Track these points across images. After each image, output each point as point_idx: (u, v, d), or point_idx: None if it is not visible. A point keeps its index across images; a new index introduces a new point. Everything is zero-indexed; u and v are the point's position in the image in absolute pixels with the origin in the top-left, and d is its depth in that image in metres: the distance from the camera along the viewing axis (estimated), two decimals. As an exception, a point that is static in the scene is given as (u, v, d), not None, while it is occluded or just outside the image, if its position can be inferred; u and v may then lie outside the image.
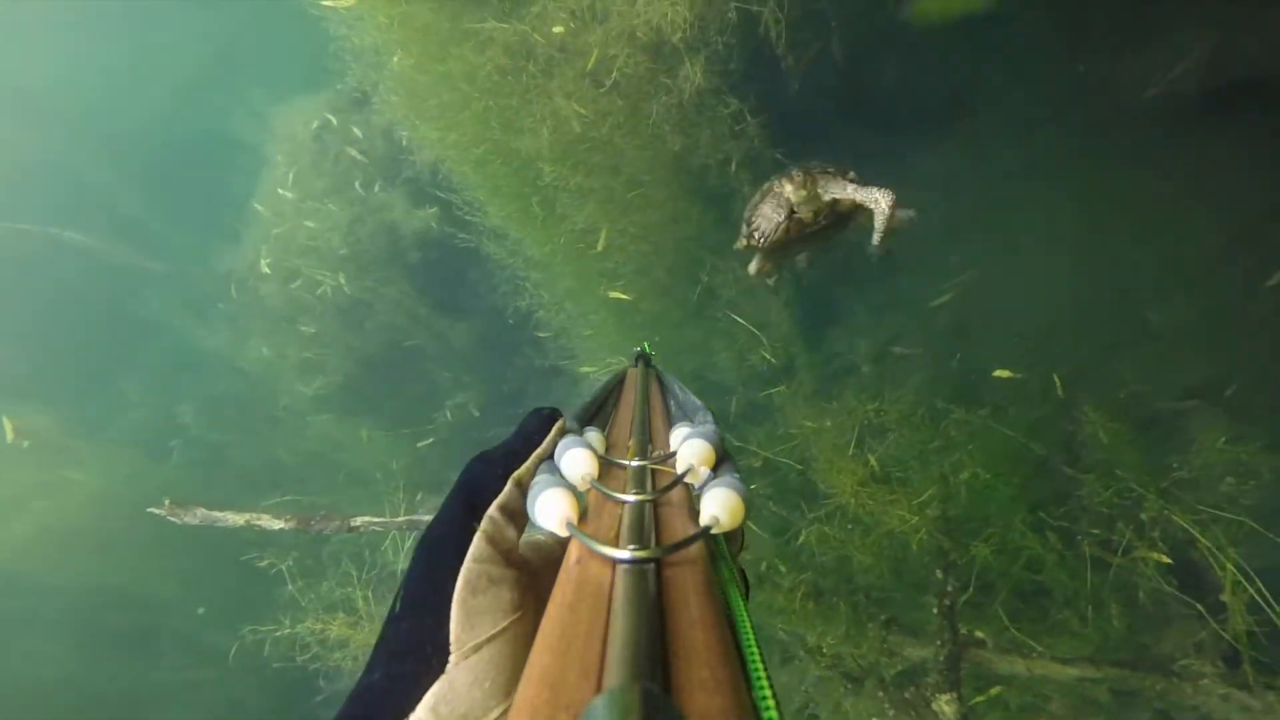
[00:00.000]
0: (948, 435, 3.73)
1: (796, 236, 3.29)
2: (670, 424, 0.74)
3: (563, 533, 0.47)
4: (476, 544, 0.48)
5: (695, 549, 0.42)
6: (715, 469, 0.55)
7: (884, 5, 4.04)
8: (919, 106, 4.40)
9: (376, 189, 6.83)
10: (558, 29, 3.87)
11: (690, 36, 3.75)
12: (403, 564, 4.49)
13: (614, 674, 0.30)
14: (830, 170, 3.02)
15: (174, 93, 13.13)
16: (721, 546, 0.49)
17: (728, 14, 3.73)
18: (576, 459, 0.54)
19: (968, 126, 4.25)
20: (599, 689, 0.30)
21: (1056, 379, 3.82)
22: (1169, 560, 2.98)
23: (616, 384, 1.00)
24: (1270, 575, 2.63)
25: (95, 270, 10.80)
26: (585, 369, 5.41)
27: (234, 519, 3.67)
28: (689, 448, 0.55)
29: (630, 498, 0.48)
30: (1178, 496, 3.03)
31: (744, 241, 3.50)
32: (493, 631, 0.44)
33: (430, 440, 6.87)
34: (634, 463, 0.57)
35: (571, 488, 0.51)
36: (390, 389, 7.49)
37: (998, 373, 3.90)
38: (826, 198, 2.95)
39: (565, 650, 0.33)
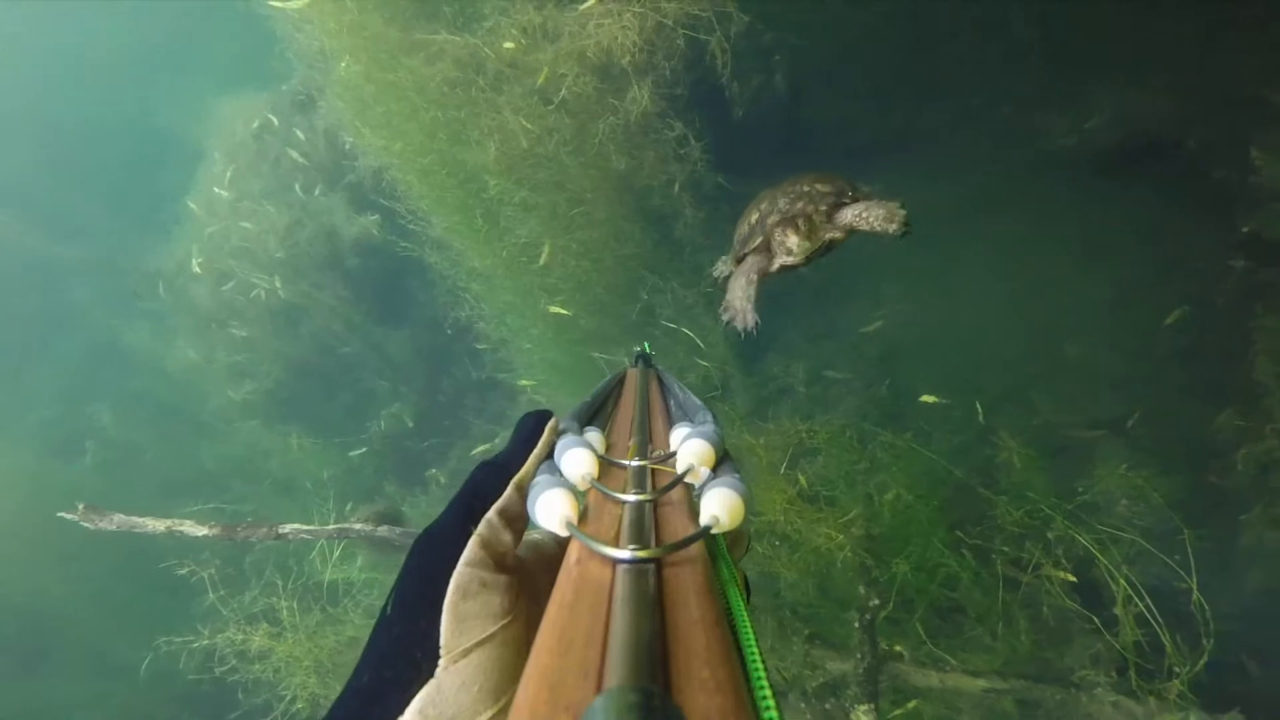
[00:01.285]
0: (874, 457, 3.85)
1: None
2: (670, 424, 0.74)
3: (563, 532, 0.47)
4: (470, 548, 0.47)
5: (695, 549, 0.42)
6: (715, 469, 0.55)
7: (826, 41, 4.22)
8: (857, 141, 4.59)
9: (317, 193, 6.71)
10: (509, 45, 3.91)
11: (639, 60, 3.83)
12: (330, 574, 4.39)
13: (614, 674, 0.30)
14: (829, 191, 2.67)
15: (109, 78, 12.62)
16: (721, 546, 0.49)
17: (676, 41, 3.83)
18: (576, 459, 0.54)
19: (903, 164, 4.44)
20: (599, 689, 0.30)
21: (978, 406, 3.99)
22: (1073, 578, 3.15)
23: (616, 384, 0.99)
24: (1156, 590, 2.83)
25: (6, 256, 10.26)
26: (523, 382, 5.41)
27: (154, 525, 3.52)
28: (689, 448, 0.55)
29: (630, 497, 0.48)
30: (1081, 518, 3.21)
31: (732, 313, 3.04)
32: (482, 636, 0.44)
33: (363, 449, 6.74)
34: (634, 463, 0.57)
35: (572, 488, 0.51)
36: (323, 396, 7.32)
37: (924, 398, 4.05)
38: (827, 237, 2.63)
39: (565, 650, 0.33)
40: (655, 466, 0.57)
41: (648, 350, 1.36)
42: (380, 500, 5.70)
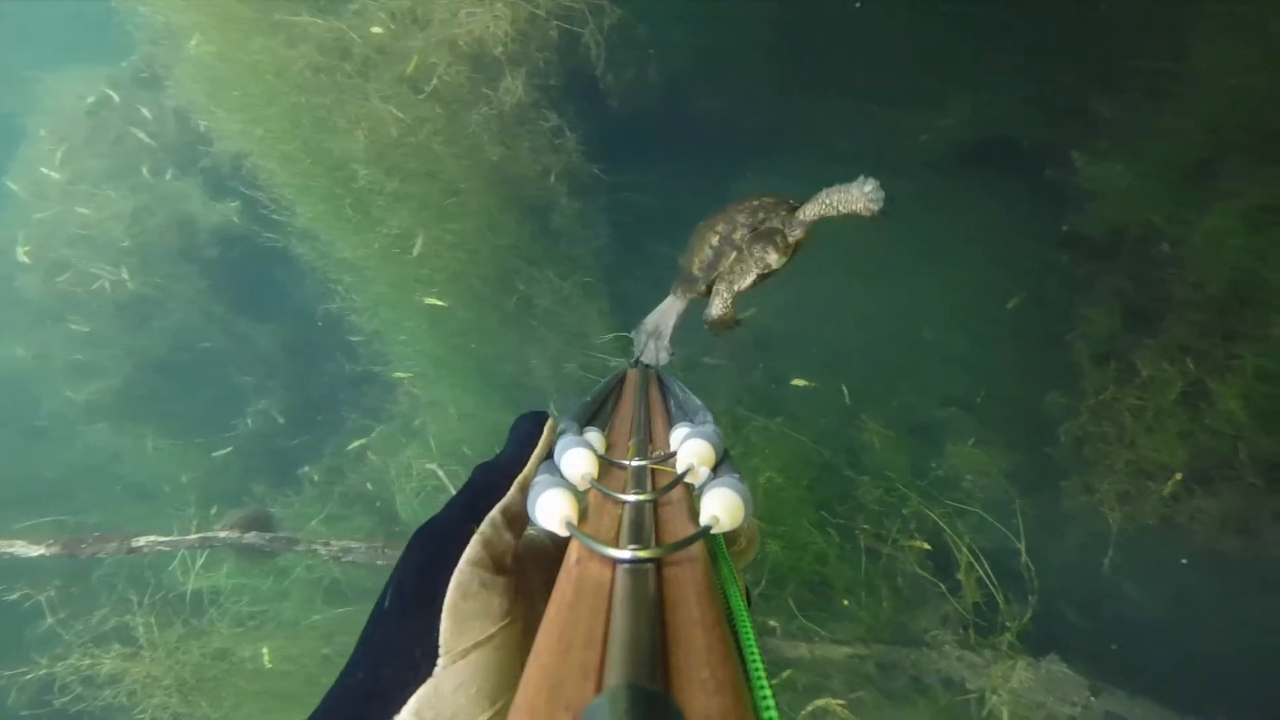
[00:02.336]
0: (749, 441, 4.01)
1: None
2: (670, 424, 0.73)
3: (563, 532, 0.47)
4: (472, 547, 0.47)
5: (696, 549, 0.42)
6: (715, 469, 0.54)
7: (701, 36, 4.31)
8: (729, 136, 4.72)
9: (168, 176, 6.20)
10: (376, 30, 3.77)
11: (512, 50, 3.79)
12: (194, 584, 4.12)
13: (614, 674, 0.29)
14: (778, 200, 2.72)
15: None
16: (722, 547, 0.48)
17: (550, 32, 3.81)
18: (576, 459, 0.54)
19: (775, 156, 4.60)
20: (599, 689, 0.30)
21: (844, 389, 4.22)
22: (928, 546, 3.43)
23: (616, 384, 0.98)
24: (995, 553, 3.14)
25: None
26: (399, 375, 5.26)
27: (-23, 547, 3.19)
28: (689, 448, 0.55)
29: (630, 497, 0.48)
30: (933, 493, 3.49)
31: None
32: (481, 637, 0.44)
33: (228, 449, 6.32)
34: (634, 463, 0.56)
35: (571, 488, 0.50)
36: (181, 394, 6.81)
37: (795, 382, 4.25)
38: (793, 241, 2.64)
39: (565, 650, 0.33)
40: (655, 466, 0.57)
41: None
42: (248, 503, 5.39)
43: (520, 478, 0.54)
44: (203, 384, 6.78)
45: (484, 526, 0.49)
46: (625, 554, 0.40)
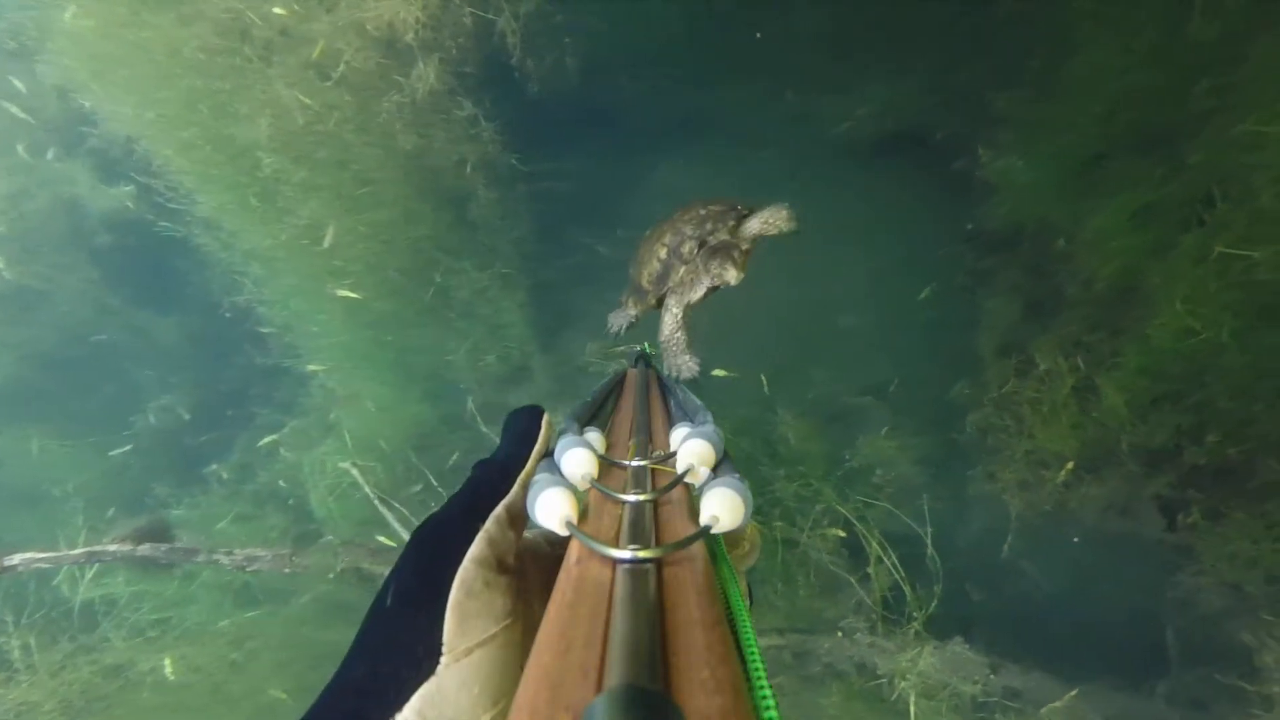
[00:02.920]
0: (670, 435, 4.03)
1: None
2: (670, 424, 0.73)
3: (563, 532, 0.47)
4: (477, 544, 0.47)
5: (696, 549, 0.42)
6: (715, 469, 0.55)
7: (620, 24, 4.25)
8: (649, 124, 4.69)
9: (50, 157, 5.73)
10: (278, 10, 3.57)
11: (424, 37, 3.66)
12: (83, 595, 3.89)
13: (614, 674, 0.29)
14: (724, 209, 2.68)
15: None
16: (721, 546, 0.49)
17: (463, 18, 3.69)
18: (577, 459, 0.54)
19: (695, 143, 4.61)
20: (599, 689, 0.29)
21: (763, 379, 4.29)
22: (843, 534, 3.55)
23: (616, 384, 0.97)
24: (906, 539, 3.28)
25: None
26: (312, 368, 5.07)
27: None
28: (689, 447, 0.55)
29: (630, 497, 0.48)
30: (846, 486, 3.61)
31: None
32: (484, 637, 0.43)
33: (127, 448, 5.97)
34: (634, 463, 0.57)
35: (572, 487, 0.50)
36: (73, 391, 6.37)
37: (716, 372, 4.30)
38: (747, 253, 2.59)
39: (565, 650, 0.33)
40: (655, 466, 0.57)
41: (647, 351, 1.34)
42: (150, 505, 5.13)
43: (522, 475, 0.54)
44: (98, 380, 6.37)
45: (489, 524, 0.49)
46: (625, 554, 0.40)
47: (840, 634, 3.36)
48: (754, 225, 2.63)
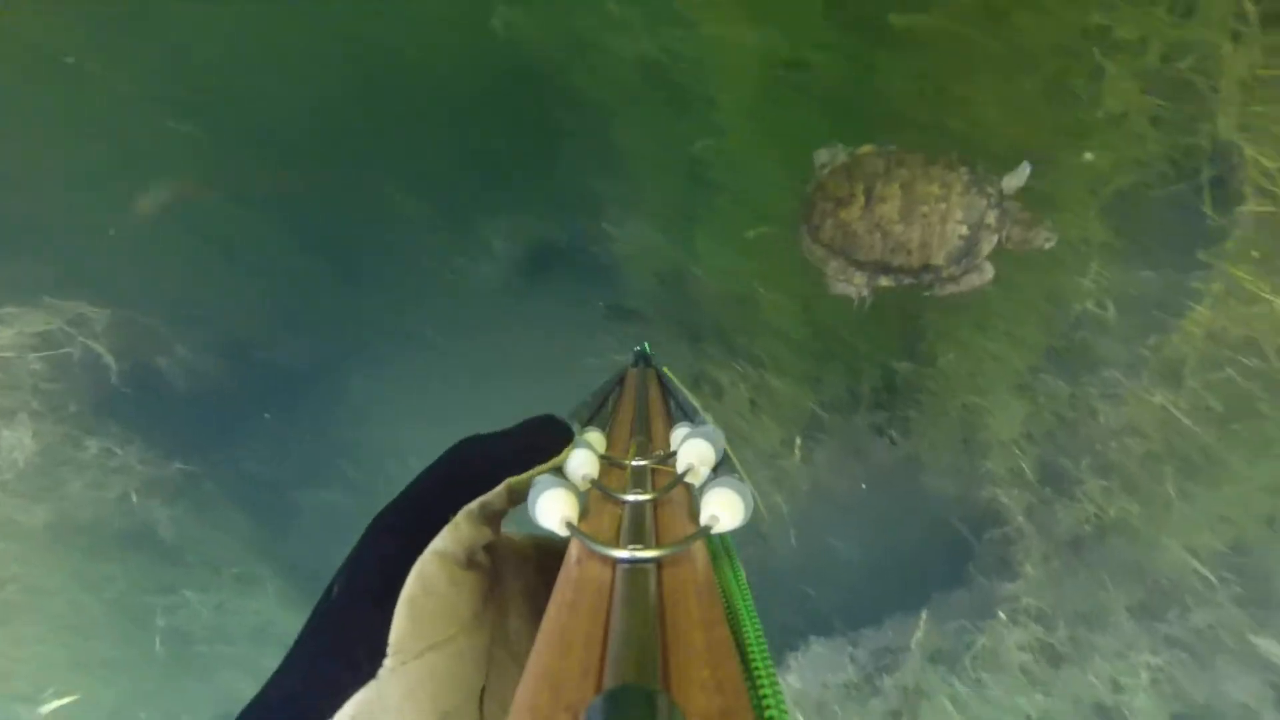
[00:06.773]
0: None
1: None
2: (671, 424, 0.71)
3: (563, 532, 0.43)
4: (444, 536, 0.39)
5: (696, 548, 0.41)
6: (716, 468, 0.53)
7: (191, 309, 4.15)
8: (301, 367, 4.58)
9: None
10: None
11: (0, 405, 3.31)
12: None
13: (614, 674, 0.28)
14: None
15: None
16: (719, 546, 0.48)
17: (33, 366, 3.40)
18: (577, 458, 0.52)
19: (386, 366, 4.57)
20: (599, 689, 0.28)
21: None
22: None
23: (616, 383, 0.92)
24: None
25: None
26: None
27: None
28: (689, 447, 0.53)
29: (630, 497, 0.46)
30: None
31: None
32: (440, 638, 0.37)
33: None
34: (634, 462, 0.54)
35: (572, 487, 0.46)
36: None
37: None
38: None
39: (566, 650, 0.31)
40: (655, 466, 0.55)
41: (647, 350, 1.21)
42: None
43: (511, 481, 0.47)
44: None
45: (460, 516, 0.41)
46: (625, 554, 0.39)
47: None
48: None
